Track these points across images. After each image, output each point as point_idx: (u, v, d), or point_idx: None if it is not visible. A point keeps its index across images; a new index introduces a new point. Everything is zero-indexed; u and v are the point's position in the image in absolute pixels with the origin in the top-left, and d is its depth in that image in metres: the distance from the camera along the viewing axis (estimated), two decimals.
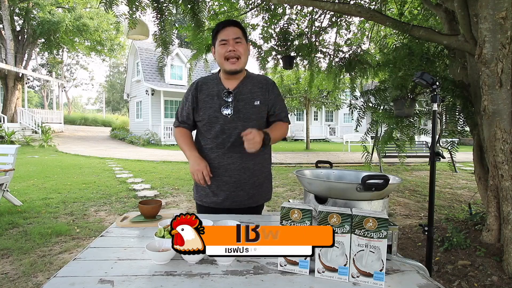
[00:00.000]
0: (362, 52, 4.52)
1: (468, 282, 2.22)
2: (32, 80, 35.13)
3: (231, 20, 1.55)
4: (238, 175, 1.56)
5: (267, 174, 1.68)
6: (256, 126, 1.49)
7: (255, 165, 1.58)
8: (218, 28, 1.53)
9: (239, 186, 1.57)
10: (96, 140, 17.38)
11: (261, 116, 1.58)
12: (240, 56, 1.50)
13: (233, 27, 1.51)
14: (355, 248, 0.88)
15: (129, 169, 7.93)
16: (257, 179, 1.60)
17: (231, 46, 1.48)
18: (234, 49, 1.48)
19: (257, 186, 1.61)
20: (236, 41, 1.49)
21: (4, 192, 4.01)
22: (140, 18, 3.27)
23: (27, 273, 2.43)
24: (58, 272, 0.90)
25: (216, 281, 0.86)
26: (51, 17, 16.69)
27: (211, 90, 1.58)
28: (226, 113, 1.53)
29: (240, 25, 1.55)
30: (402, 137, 3.21)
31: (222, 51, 1.50)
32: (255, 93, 1.57)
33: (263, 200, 1.66)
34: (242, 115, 1.53)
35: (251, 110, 1.54)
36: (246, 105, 1.55)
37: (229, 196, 1.57)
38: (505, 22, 2.07)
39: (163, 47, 3.27)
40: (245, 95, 1.56)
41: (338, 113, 24.65)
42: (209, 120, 1.55)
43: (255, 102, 1.55)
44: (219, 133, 1.54)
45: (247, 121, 1.53)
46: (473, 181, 6.69)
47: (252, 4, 4.40)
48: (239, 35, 1.50)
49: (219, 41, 1.51)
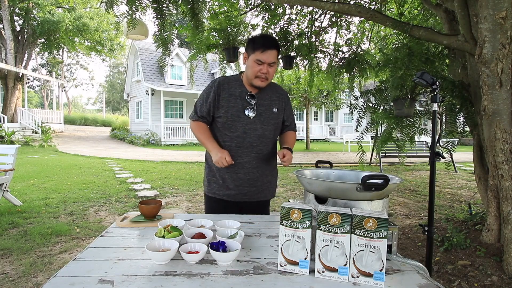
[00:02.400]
0: (362, 52, 4.51)
1: (468, 282, 2.22)
2: (32, 80, 35.17)
3: (274, 43, 1.61)
4: (252, 173, 1.69)
5: (275, 173, 1.85)
6: (273, 130, 1.72)
7: (268, 165, 1.75)
8: (260, 45, 1.58)
9: (252, 183, 1.70)
10: (96, 140, 17.38)
11: (277, 122, 1.75)
12: (269, 78, 1.63)
13: (274, 50, 1.59)
14: (355, 248, 0.88)
15: (129, 169, 7.93)
16: (266, 176, 1.76)
17: (265, 69, 1.59)
18: (267, 72, 1.60)
19: (266, 183, 1.77)
20: (271, 65, 1.60)
21: (4, 192, 4.01)
22: (140, 18, 3.27)
23: (27, 273, 2.43)
24: (58, 272, 0.90)
25: (216, 281, 0.86)
26: (51, 17, 16.68)
27: (234, 91, 1.68)
28: (249, 114, 1.65)
29: (279, 46, 1.64)
30: (402, 137, 3.21)
31: (256, 69, 1.60)
32: (273, 101, 1.73)
33: (270, 196, 1.81)
34: (263, 119, 1.68)
35: (271, 115, 1.70)
36: (267, 110, 1.70)
37: (241, 191, 1.70)
38: (505, 22, 2.07)
39: (164, 47, 3.26)
40: (265, 101, 1.71)
41: (338, 113, 24.65)
42: (232, 119, 1.65)
43: (273, 109, 1.72)
44: (240, 132, 1.65)
45: (267, 124, 1.69)
46: (473, 181, 6.69)
47: (252, 4, 4.40)
48: (275, 60, 1.61)
49: (257, 59, 1.58)
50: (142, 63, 17.40)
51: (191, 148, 15.06)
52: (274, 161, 1.81)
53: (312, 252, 0.94)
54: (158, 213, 1.46)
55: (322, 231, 0.90)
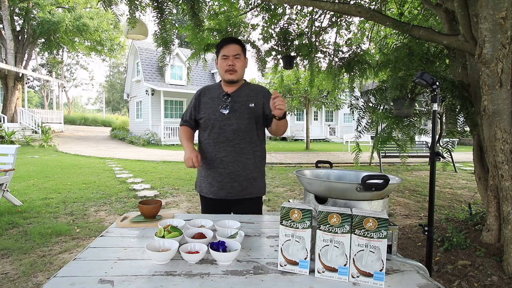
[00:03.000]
0: (362, 52, 4.51)
1: (468, 282, 2.22)
2: (32, 80, 35.16)
3: (233, 38, 1.83)
4: (232, 167, 1.74)
5: (260, 171, 1.83)
6: (249, 124, 1.75)
7: (248, 160, 1.76)
8: (221, 44, 1.78)
9: (233, 177, 1.74)
10: (96, 140, 17.38)
11: (254, 116, 1.76)
12: (237, 69, 1.76)
13: (234, 44, 1.76)
14: (355, 248, 0.88)
15: (129, 169, 7.93)
16: (250, 172, 1.77)
17: (230, 61, 1.74)
18: (233, 64, 1.74)
19: (250, 179, 1.77)
20: (235, 57, 1.75)
21: (4, 192, 4.01)
22: (140, 18, 3.27)
23: (27, 273, 2.43)
24: (58, 272, 0.90)
25: (216, 281, 0.86)
26: (51, 17, 16.67)
27: (213, 94, 1.84)
28: (223, 112, 1.76)
29: (241, 42, 1.81)
30: (403, 137, 3.21)
31: (223, 64, 1.76)
32: (250, 97, 1.79)
33: (257, 193, 1.81)
34: (238, 114, 1.75)
35: (246, 110, 1.75)
36: (242, 106, 1.76)
37: (224, 186, 1.75)
38: (505, 22, 2.07)
39: (164, 46, 3.27)
40: (242, 98, 1.78)
41: (338, 113, 24.64)
42: (208, 118, 1.79)
43: (249, 104, 1.76)
44: (216, 129, 1.76)
45: (241, 119, 1.74)
46: (473, 181, 6.69)
47: (252, 4, 4.40)
48: (238, 52, 1.75)
49: (221, 55, 1.77)
50: (142, 63, 17.40)
51: None
52: (258, 157, 1.81)
53: (312, 252, 0.94)
54: (158, 213, 1.46)
55: (322, 231, 0.90)
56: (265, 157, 1.88)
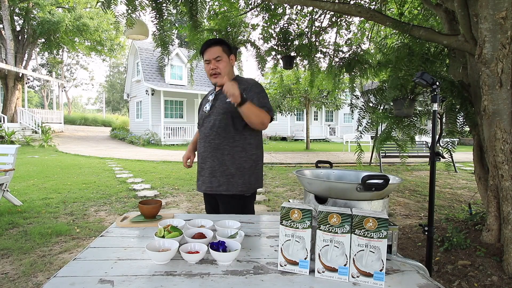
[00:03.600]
0: (362, 52, 4.51)
1: (468, 282, 2.22)
2: (32, 80, 35.14)
3: (212, 41, 1.82)
4: (210, 163, 1.79)
5: (239, 167, 1.77)
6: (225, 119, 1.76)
7: (224, 156, 1.76)
8: (202, 48, 1.82)
9: (211, 173, 1.79)
10: (96, 140, 17.37)
11: (232, 111, 1.72)
12: (220, 72, 1.79)
13: (214, 47, 1.78)
14: (355, 248, 0.88)
15: (129, 169, 7.93)
16: (227, 168, 1.76)
17: (212, 65, 1.78)
18: (215, 67, 1.78)
19: (227, 175, 1.76)
20: (217, 59, 1.78)
21: (4, 192, 4.01)
22: (140, 17, 3.26)
23: (27, 273, 2.43)
24: (58, 272, 0.90)
25: (216, 281, 0.86)
26: (51, 17, 16.67)
27: (207, 96, 1.96)
28: (205, 110, 1.87)
29: (221, 41, 1.82)
30: (403, 137, 3.21)
31: (207, 68, 1.83)
32: None
33: (234, 190, 1.76)
34: (216, 110, 1.80)
35: (223, 106, 1.78)
36: (221, 102, 1.80)
37: (204, 181, 1.82)
38: (505, 22, 2.07)
39: (163, 47, 3.26)
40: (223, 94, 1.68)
41: (338, 113, 24.64)
42: (199, 117, 1.94)
43: (228, 99, 1.64)
44: (200, 126, 1.89)
45: (217, 115, 1.78)
46: (473, 181, 6.69)
47: (252, 4, 4.40)
48: (218, 54, 1.77)
49: (204, 60, 1.82)
50: (142, 63, 17.39)
51: None
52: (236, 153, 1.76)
53: (312, 252, 0.94)
54: (158, 213, 1.46)
55: (322, 231, 0.90)
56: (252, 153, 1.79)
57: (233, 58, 1.86)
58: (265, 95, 1.79)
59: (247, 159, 1.78)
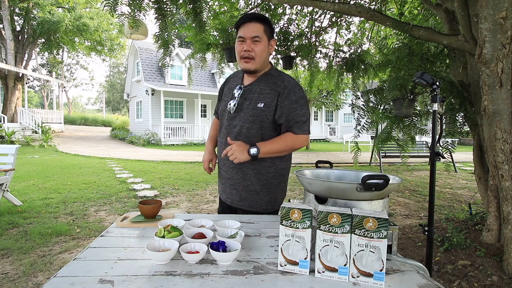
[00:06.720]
0: (362, 52, 4.51)
1: (468, 282, 2.22)
2: (32, 80, 35.14)
3: (253, 15, 1.45)
4: (231, 173, 1.55)
5: (266, 184, 1.52)
6: (255, 129, 1.46)
7: (249, 170, 1.50)
8: (238, 22, 1.46)
9: (232, 184, 1.56)
10: (96, 140, 17.38)
11: (262, 120, 1.46)
12: (256, 56, 1.43)
13: (254, 23, 1.42)
14: (355, 248, 0.88)
15: (129, 169, 7.93)
16: (251, 184, 1.51)
17: (247, 45, 1.42)
18: (250, 49, 1.42)
19: (251, 191, 1.52)
20: (254, 40, 1.42)
21: (4, 192, 4.01)
22: (141, 18, 3.26)
23: (27, 273, 2.43)
24: (58, 272, 0.90)
25: (216, 281, 0.86)
26: (51, 17, 16.68)
27: (232, 84, 1.60)
28: (230, 107, 1.52)
29: (264, 19, 1.44)
30: (403, 137, 3.21)
31: (239, 48, 1.45)
32: (263, 94, 1.47)
33: (257, 208, 1.53)
34: (242, 115, 1.48)
35: (252, 111, 1.46)
36: (250, 105, 1.47)
37: (225, 190, 1.61)
38: (505, 22, 2.07)
39: (165, 47, 3.26)
40: (253, 94, 1.48)
41: (338, 113, 24.65)
42: (221, 114, 1.60)
43: (258, 104, 1.45)
44: (224, 127, 1.57)
45: (245, 122, 1.47)
46: (473, 181, 6.69)
47: (252, 4, 4.40)
48: (258, 33, 1.41)
49: (238, 37, 1.45)
50: (142, 63, 17.40)
51: (191, 148, 15.06)
52: (264, 168, 1.51)
53: (312, 252, 0.94)
54: (158, 213, 1.46)
55: (322, 231, 0.90)
56: (281, 168, 1.55)
57: (273, 44, 1.50)
58: (303, 104, 1.46)
59: (275, 174, 1.53)
